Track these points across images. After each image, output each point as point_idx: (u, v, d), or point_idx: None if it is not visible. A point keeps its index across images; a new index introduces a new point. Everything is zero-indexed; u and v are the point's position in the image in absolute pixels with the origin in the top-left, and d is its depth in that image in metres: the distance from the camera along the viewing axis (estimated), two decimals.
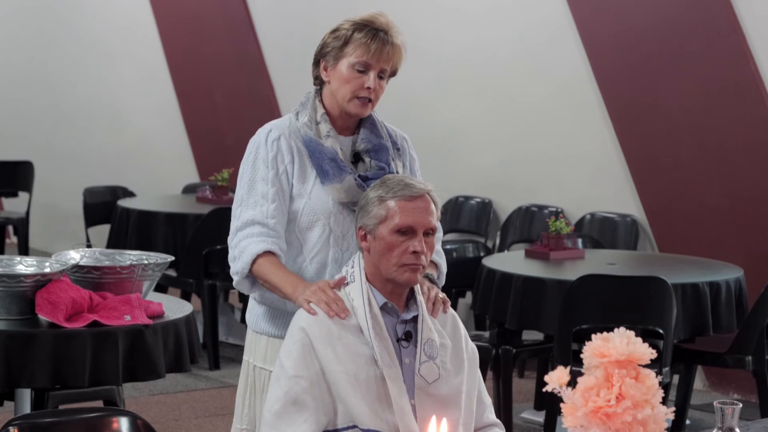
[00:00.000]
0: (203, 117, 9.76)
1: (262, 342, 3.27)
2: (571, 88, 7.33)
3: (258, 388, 3.26)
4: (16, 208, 10.05)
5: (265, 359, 3.25)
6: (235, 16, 9.31)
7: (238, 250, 3.19)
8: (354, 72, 3.18)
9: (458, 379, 3.02)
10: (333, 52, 3.21)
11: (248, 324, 3.35)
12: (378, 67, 3.19)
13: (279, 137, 3.21)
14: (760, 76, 6.38)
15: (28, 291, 3.89)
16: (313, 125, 3.22)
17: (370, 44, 3.16)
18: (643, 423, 2.36)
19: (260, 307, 3.29)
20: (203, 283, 6.91)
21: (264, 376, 3.24)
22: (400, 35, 3.22)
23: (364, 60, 3.17)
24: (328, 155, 3.19)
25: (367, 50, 3.16)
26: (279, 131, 3.23)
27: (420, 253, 2.96)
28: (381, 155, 3.26)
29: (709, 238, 6.68)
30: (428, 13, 8.04)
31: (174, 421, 5.89)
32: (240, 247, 3.19)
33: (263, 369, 3.25)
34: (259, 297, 3.29)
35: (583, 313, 5.07)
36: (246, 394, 3.30)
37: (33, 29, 11.13)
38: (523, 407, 6.27)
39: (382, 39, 3.18)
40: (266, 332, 3.26)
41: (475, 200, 7.96)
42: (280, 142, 3.21)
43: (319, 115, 3.24)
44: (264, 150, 3.21)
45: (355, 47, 3.17)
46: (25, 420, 2.84)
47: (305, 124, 3.23)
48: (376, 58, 3.18)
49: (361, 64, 3.18)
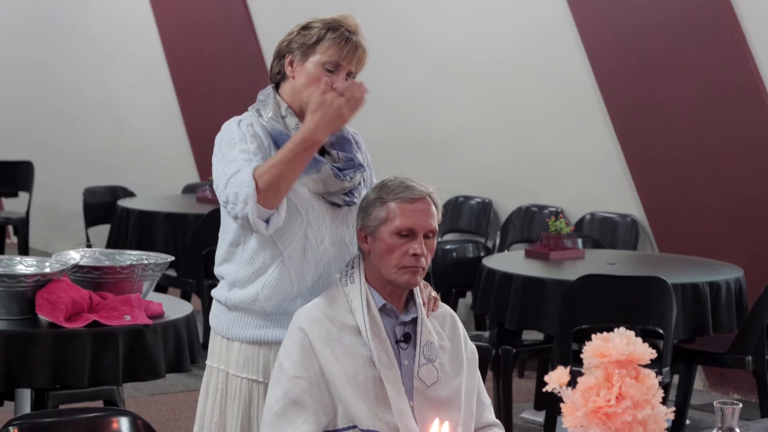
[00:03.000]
0: (203, 117, 9.76)
1: (234, 348, 3.18)
2: (571, 88, 7.33)
3: (230, 396, 3.18)
4: (16, 208, 10.06)
5: (238, 366, 3.17)
6: (235, 16, 9.31)
7: (232, 187, 3.01)
8: (323, 71, 3.13)
9: (457, 380, 3.02)
10: (302, 48, 3.16)
11: (214, 328, 3.25)
12: (347, 68, 3.15)
13: (251, 124, 3.14)
14: (760, 76, 6.38)
15: (28, 291, 3.89)
16: (280, 119, 3.16)
17: (343, 45, 3.13)
18: (643, 423, 2.36)
19: (230, 312, 3.20)
20: (203, 283, 6.91)
21: (237, 383, 3.17)
22: (365, 40, 3.18)
23: (335, 60, 3.13)
24: None
25: (339, 51, 3.12)
26: (249, 120, 3.16)
27: (420, 255, 2.96)
28: (345, 147, 3.21)
29: (709, 238, 6.68)
30: (428, 13, 8.04)
31: (174, 421, 5.89)
32: (232, 183, 3.02)
33: (236, 376, 3.17)
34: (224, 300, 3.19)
35: (583, 313, 5.06)
36: (215, 402, 3.21)
37: (33, 29, 11.14)
38: (523, 407, 6.27)
39: (354, 41, 3.14)
40: (239, 338, 3.17)
41: (475, 200, 7.97)
42: (254, 128, 3.14)
43: (283, 110, 3.17)
44: (239, 132, 3.11)
45: (329, 46, 3.13)
46: (25, 420, 2.83)
47: (271, 118, 3.16)
48: (347, 60, 3.13)
49: (331, 64, 3.13)
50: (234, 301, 3.18)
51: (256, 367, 3.16)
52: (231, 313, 3.20)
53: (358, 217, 3.07)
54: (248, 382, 3.16)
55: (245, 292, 3.15)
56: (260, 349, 3.16)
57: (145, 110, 10.34)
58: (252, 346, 3.16)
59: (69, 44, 10.88)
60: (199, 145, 9.84)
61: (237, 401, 3.17)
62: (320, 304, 3.01)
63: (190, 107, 9.91)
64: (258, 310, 3.16)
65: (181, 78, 9.96)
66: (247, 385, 3.16)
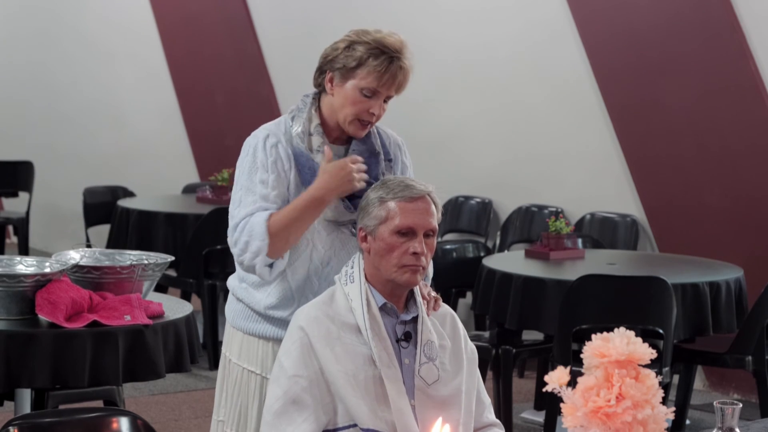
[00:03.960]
0: (203, 117, 9.76)
1: (237, 337, 3.29)
2: (571, 88, 7.33)
3: (229, 382, 3.29)
4: (16, 208, 10.06)
5: (239, 355, 3.27)
6: (235, 16, 9.31)
7: (245, 235, 3.10)
8: (360, 95, 3.13)
9: (458, 379, 3.02)
10: (343, 70, 3.14)
11: (227, 317, 3.34)
12: (386, 94, 3.16)
13: (276, 144, 3.17)
14: (760, 76, 6.38)
15: (28, 291, 3.89)
16: (306, 137, 3.17)
17: (384, 74, 3.12)
18: (643, 423, 2.36)
19: (238, 303, 3.29)
20: (203, 283, 6.91)
21: (237, 371, 3.27)
22: (411, 56, 3.18)
23: (374, 87, 3.13)
24: (317, 171, 3.15)
25: (379, 78, 3.12)
26: (276, 138, 3.17)
27: (420, 254, 2.96)
28: (371, 169, 3.20)
29: (709, 238, 6.68)
30: (428, 13, 8.04)
31: (174, 421, 5.89)
32: (246, 231, 3.10)
33: (237, 364, 3.27)
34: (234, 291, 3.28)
35: (583, 313, 5.06)
36: (222, 386, 3.33)
37: (33, 29, 11.14)
38: (523, 407, 6.27)
39: (396, 66, 3.13)
40: (242, 329, 3.27)
41: (475, 200, 7.97)
42: (278, 149, 3.16)
43: (313, 127, 3.18)
44: (262, 154, 3.15)
45: (368, 73, 3.12)
46: (25, 420, 2.84)
47: (298, 135, 3.17)
48: (387, 87, 3.14)
49: (369, 90, 3.13)
50: (241, 294, 3.27)
51: (255, 359, 3.25)
52: (238, 303, 3.29)
53: (358, 216, 3.07)
54: (246, 372, 3.26)
55: (251, 293, 3.24)
56: (259, 342, 3.25)
57: (145, 110, 10.34)
58: (252, 338, 3.25)
59: (69, 44, 10.88)
60: (199, 145, 9.84)
61: (235, 388, 3.27)
62: (320, 303, 3.02)
63: (190, 107, 9.91)
64: (259, 309, 3.24)
65: (181, 78, 9.96)
66: (246, 374, 3.26)
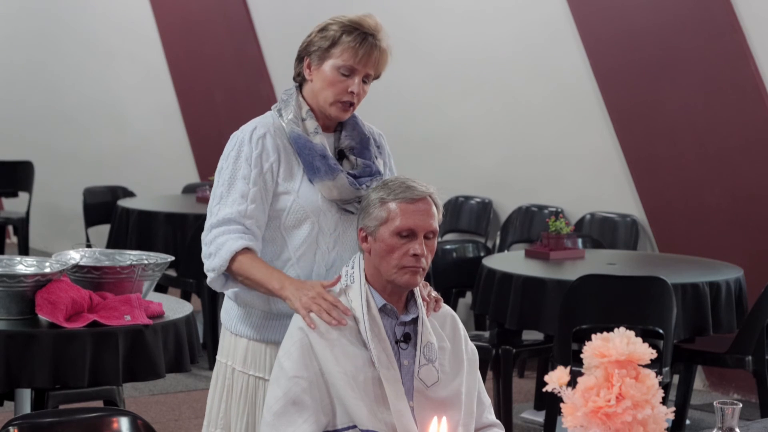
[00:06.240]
0: (203, 117, 9.76)
1: (241, 345, 3.21)
2: (571, 88, 7.33)
3: (236, 392, 3.20)
4: (16, 208, 10.06)
5: (245, 363, 3.19)
6: (235, 16, 9.31)
7: (214, 246, 3.15)
8: (338, 75, 3.12)
9: (457, 380, 3.02)
10: (318, 52, 3.14)
11: (224, 324, 3.28)
12: (364, 72, 3.13)
13: (264, 135, 3.14)
14: (760, 76, 6.38)
15: (28, 291, 3.89)
16: (300, 122, 3.16)
17: (358, 49, 3.10)
18: (643, 423, 2.36)
19: (239, 308, 3.23)
20: (203, 283, 6.90)
21: (243, 380, 3.19)
22: (387, 38, 3.16)
23: (350, 64, 3.11)
24: (318, 152, 3.13)
25: (354, 54, 3.10)
26: (264, 129, 3.16)
27: (420, 255, 2.96)
28: (365, 153, 3.21)
29: (709, 238, 6.68)
30: (428, 13, 8.04)
31: (174, 421, 5.89)
32: (216, 243, 3.14)
33: (243, 373, 3.19)
34: (234, 296, 3.24)
35: (583, 313, 5.06)
36: (221, 398, 3.23)
37: (33, 29, 11.14)
38: (523, 407, 6.27)
39: (370, 43, 3.12)
40: (246, 335, 3.20)
41: (475, 200, 7.97)
42: (266, 140, 3.14)
43: (304, 112, 3.17)
44: (248, 147, 3.13)
45: (343, 50, 3.11)
46: (25, 420, 2.83)
47: (291, 120, 3.16)
48: (363, 63, 3.12)
49: (346, 68, 3.11)
50: (244, 297, 3.21)
51: (263, 365, 3.17)
52: (240, 309, 3.22)
53: (359, 216, 3.07)
54: (254, 379, 3.18)
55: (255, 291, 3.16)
56: (267, 347, 3.18)
57: (145, 110, 10.34)
58: (259, 344, 3.18)
59: (69, 44, 10.88)
60: (199, 145, 9.84)
61: (242, 398, 3.19)
62: None
63: (190, 107, 9.91)
64: (266, 309, 3.18)
65: (181, 78, 9.96)
66: (254, 382, 3.18)
